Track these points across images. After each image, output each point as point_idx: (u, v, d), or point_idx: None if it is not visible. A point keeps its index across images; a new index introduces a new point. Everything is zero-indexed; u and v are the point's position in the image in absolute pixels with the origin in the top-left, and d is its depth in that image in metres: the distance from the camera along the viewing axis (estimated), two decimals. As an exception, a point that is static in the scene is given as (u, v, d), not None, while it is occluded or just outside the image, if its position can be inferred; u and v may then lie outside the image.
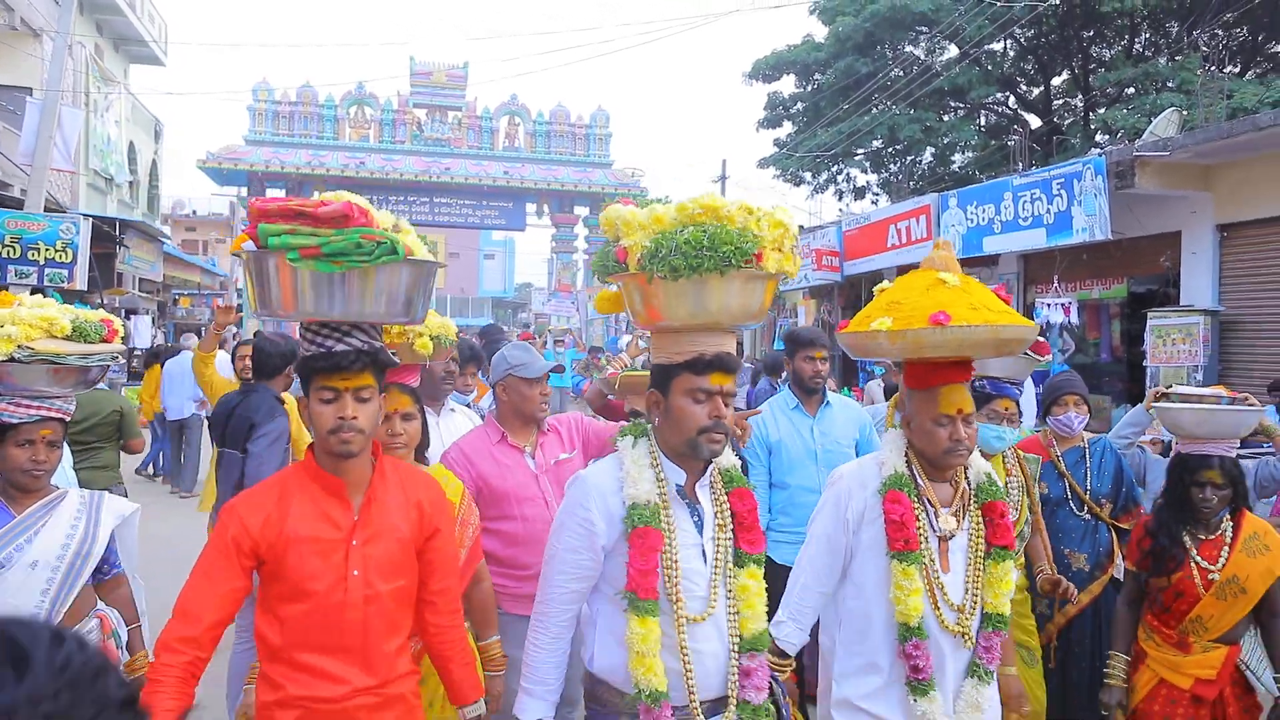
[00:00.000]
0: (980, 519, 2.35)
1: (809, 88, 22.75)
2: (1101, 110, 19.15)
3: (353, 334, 2.05)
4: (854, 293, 16.32)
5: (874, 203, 22.80)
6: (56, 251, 10.11)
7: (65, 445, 2.74)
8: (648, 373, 3.98)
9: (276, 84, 22.38)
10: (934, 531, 2.29)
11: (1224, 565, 2.91)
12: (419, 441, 2.71)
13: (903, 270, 15.28)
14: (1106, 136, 18.10)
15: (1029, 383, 8.76)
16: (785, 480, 3.94)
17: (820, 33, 21.96)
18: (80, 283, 11.11)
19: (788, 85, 23.29)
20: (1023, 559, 3.42)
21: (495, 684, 2.59)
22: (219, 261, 29.28)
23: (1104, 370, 11.61)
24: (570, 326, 22.56)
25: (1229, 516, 3.00)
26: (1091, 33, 20.20)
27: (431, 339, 2.80)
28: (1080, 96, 21.13)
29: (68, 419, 2.61)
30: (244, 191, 22.79)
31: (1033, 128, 21.98)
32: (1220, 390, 4.00)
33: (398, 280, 2.02)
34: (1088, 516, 3.78)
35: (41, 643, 0.67)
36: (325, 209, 1.91)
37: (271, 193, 22.75)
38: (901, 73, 20.60)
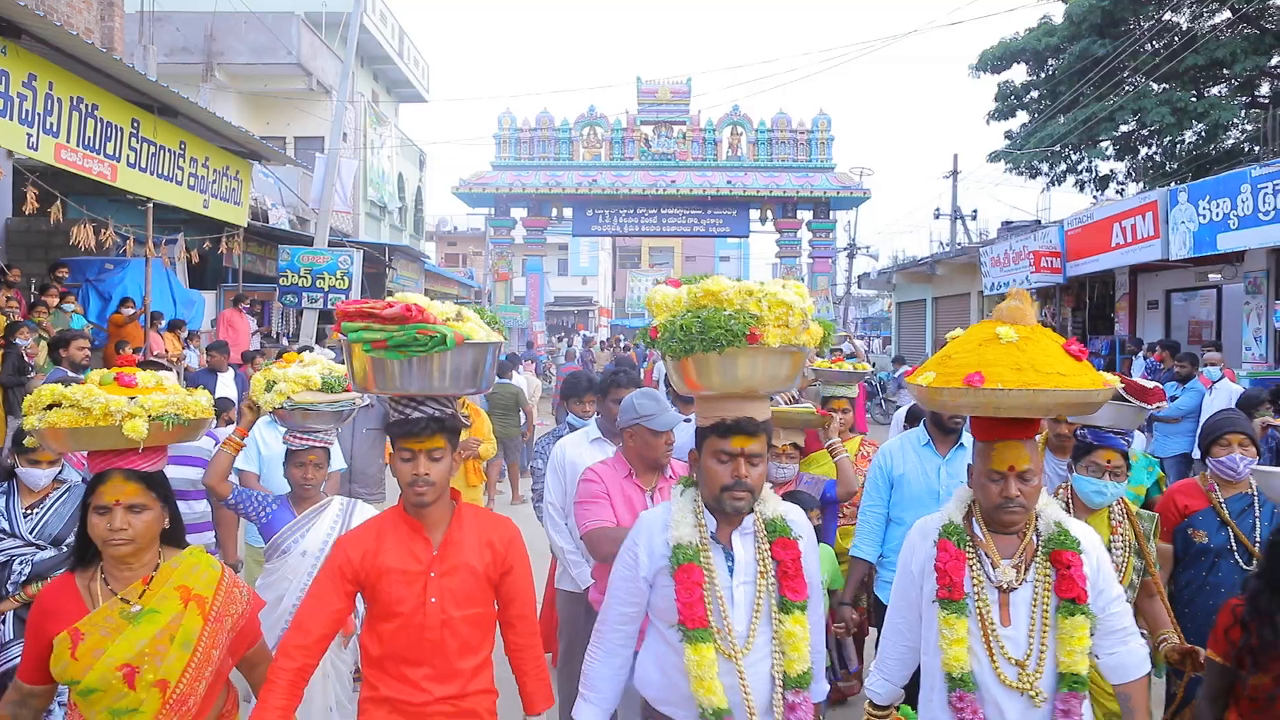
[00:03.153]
0: (1049, 571, 2.22)
1: (1042, 75, 21.45)
2: None
3: (426, 404, 2.37)
4: (1082, 294, 15.39)
5: (1119, 192, 21.08)
6: (337, 279, 12.16)
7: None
8: (799, 409, 4.26)
9: (518, 113, 24.52)
10: (991, 583, 2.22)
11: None
12: (154, 534, 2.30)
13: (1133, 271, 14.13)
14: None
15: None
16: (903, 516, 3.69)
17: (1059, 13, 20.64)
18: (356, 304, 13.13)
19: (1019, 74, 22.11)
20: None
21: None
22: (475, 273, 32.45)
23: (1374, 378, 10.31)
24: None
25: None
26: None
27: (154, 419, 2.32)
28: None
29: (329, 447, 3.50)
30: (492, 212, 25.16)
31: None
32: None
33: (462, 360, 2.35)
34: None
35: None
36: (388, 311, 2.29)
37: (515, 212, 24.96)
38: (1150, 47, 18.88)
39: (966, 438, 3.77)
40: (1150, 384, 3.54)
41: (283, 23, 18.18)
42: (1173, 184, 12.95)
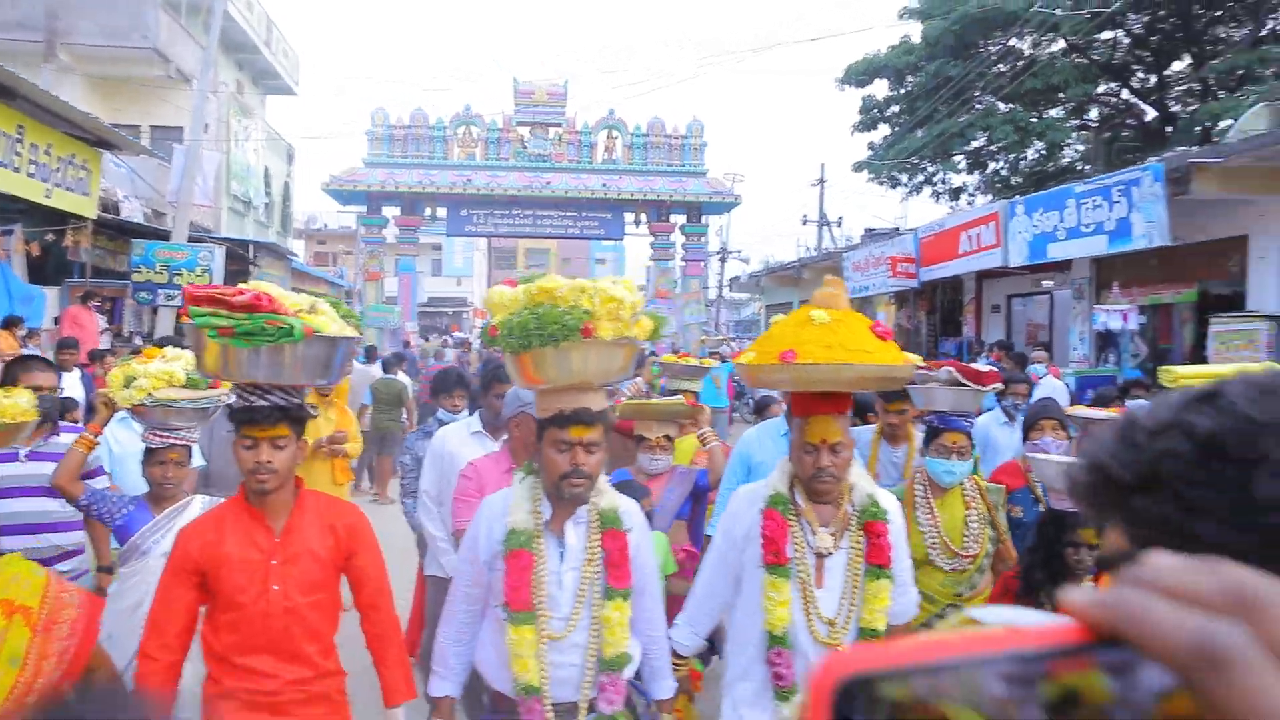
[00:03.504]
0: (861, 539, 2.43)
1: (902, 90, 22.72)
2: (1221, 97, 18.26)
3: (273, 393, 2.34)
4: (934, 298, 16.42)
5: (970, 203, 22.55)
6: (196, 276, 11.61)
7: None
8: (670, 402, 4.43)
9: (392, 109, 23.94)
10: (810, 549, 2.41)
11: None
12: None
13: (979, 276, 15.13)
14: (1231, 122, 17.33)
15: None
16: None
17: (918, 33, 21.87)
18: (217, 302, 12.61)
19: (881, 89, 23.32)
20: (989, 591, 3.45)
21: None
22: (346, 272, 31.48)
23: (1179, 375, 11.46)
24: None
25: (1093, 577, 2.83)
26: (1218, 12, 19.18)
27: None
28: (1200, 84, 20.20)
29: (190, 445, 3.40)
30: (364, 210, 24.51)
31: (1147, 119, 21.25)
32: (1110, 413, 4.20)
33: (311, 352, 2.33)
34: None
35: None
36: (238, 298, 2.24)
37: (388, 210, 24.40)
38: (997, 70, 20.30)
39: None
40: (985, 369, 3.85)
41: (137, 3, 17.19)
42: (1016, 197, 14.03)
